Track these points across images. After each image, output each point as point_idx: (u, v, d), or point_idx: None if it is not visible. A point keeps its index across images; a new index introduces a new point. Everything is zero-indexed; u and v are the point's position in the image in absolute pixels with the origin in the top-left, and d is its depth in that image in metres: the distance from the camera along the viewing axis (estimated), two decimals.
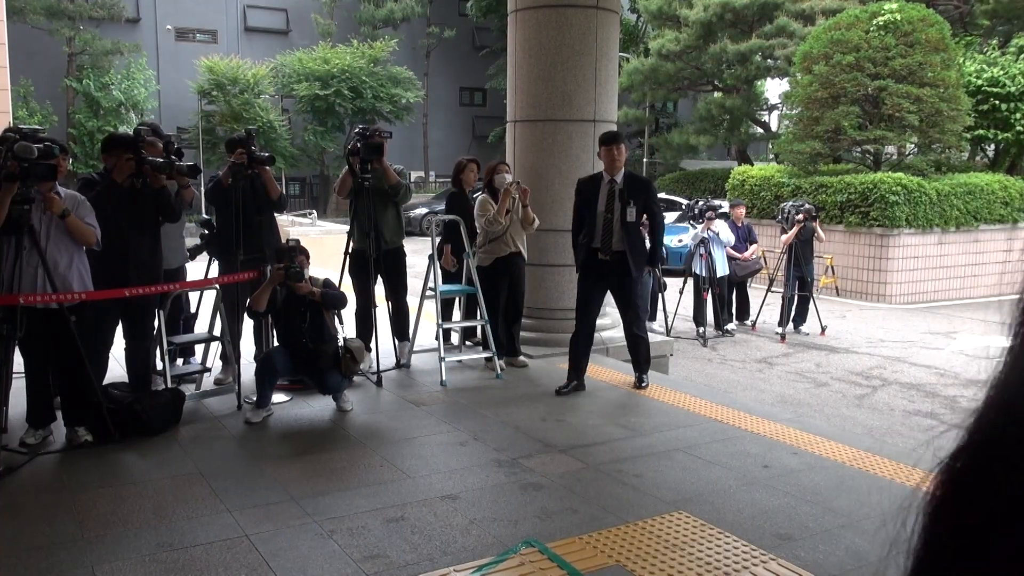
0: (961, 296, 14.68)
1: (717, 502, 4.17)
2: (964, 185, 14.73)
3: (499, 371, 6.58)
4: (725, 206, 16.27)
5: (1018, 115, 15.45)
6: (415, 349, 6.92)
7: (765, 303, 11.37)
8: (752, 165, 21.45)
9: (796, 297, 10.88)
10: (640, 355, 6.25)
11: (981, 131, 15.78)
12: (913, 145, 15.65)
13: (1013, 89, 15.45)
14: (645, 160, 26.40)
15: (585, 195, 6.04)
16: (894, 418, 7.29)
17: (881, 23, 14.66)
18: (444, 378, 6.32)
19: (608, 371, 6.82)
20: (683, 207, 18.59)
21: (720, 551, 3.61)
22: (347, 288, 6.28)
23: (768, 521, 3.94)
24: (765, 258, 12.32)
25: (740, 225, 11.25)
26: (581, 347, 6.14)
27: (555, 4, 7.26)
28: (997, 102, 15.54)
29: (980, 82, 15.67)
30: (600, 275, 6.01)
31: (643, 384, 6.25)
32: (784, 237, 10.72)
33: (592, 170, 7.34)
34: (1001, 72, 15.68)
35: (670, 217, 16.78)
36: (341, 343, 5.56)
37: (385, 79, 29.56)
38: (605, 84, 7.47)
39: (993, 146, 16.83)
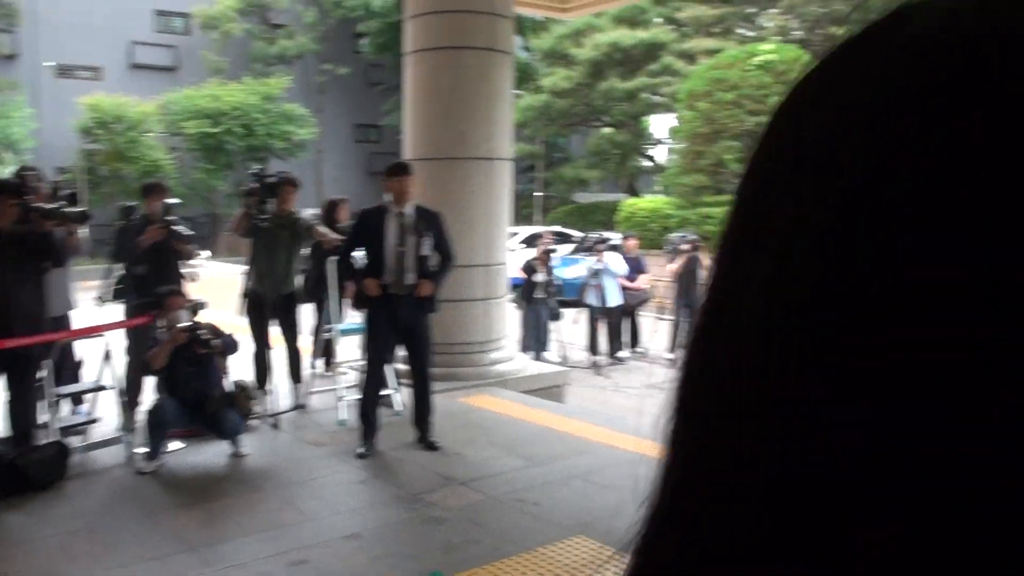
0: None
1: (614, 524, 4.32)
2: None
3: (398, 408, 6.62)
4: (616, 238, 16.80)
5: None
6: (316, 389, 6.89)
7: (654, 331, 11.76)
8: (641, 198, 22.22)
9: (685, 324, 11.31)
10: (425, 411, 5.71)
11: None
12: None
13: None
14: (538, 194, 26.94)
15: (370, 227, 5.53)
16: None
17: (758, 63, 15.54)
18: (342, 416, 6.31)
19: (504, 402, 6.95)
20: (576, 239, 19.04)
21: (618, 572, 3.75)
22: (239, 326, 6.22)
23: None
24: (655, 287, 12.76)
25: (631, 256, 11.65)
26: (374, 398, 5.64)
27: (450, 46, 7.44)
28: None
29: None
30: (392, 314, 5.47)
31: (435, 446, 5.64)
32: (671, 267, 11.16)
33: (488, 205, 7.54)
34: None
35: (564, 249, 17.17)
36: (231, 386, 5.51)
37: (278, 116, 29.27)
38: (499, 122, 7.68)
39: None
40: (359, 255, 5.62)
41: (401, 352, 5.87)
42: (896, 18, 0.30)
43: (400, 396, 6.70)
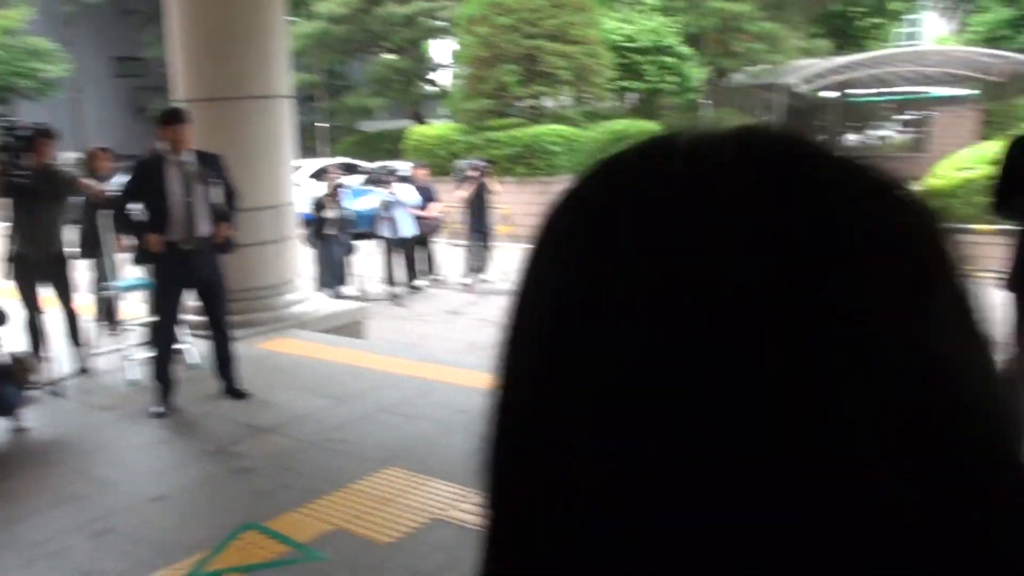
0: None
1: (423, 453, 4.53)
2: (613, 132, 16.45)
3: (194, 361, 6.42)
4: (405, 167, 16.77)
5: (650, 67, 17.49)
6: (100, 351, 6.52)
7: (449, 256, 12.02)
8: (427, 124, 22.18)
9: (477, 249, 11.63)
10: (228, 360, 5.58)
11: (623, 82, 17.65)
12: (568, 98, 17.14)
13: (644, 44, 17.43)
14: (322, 124, 26.18)
15: (148, 178, 5.20)
16: None
17: None
18: (132, 376, 6.05)
19: (305, 344, 6.94)
20: (365, 170, 18.83)
21: (429, 497, 3.97)
22: (6, 292, 5.77)
23: (468, 461, 4.37)
24: (447, 213, 12.96)
25: (422, 185, 11.73)
26: (168, 354, 5.44)
27: None
28: (633, 56, 17.45)
29: (618, 38, 17.47)
30: (183, 267, 5.24)
31: (244, 393, 5.56)
32: (461, 194, 11.39)
33: (270, 144, 7.31)
34: (635, 29, 17.61)
35: (354, 180, 16.95)
36: (4, 358, 5.14)
37: (21, 52, 26.26)
38: (275, 58, 7.39)
39: (634, 94, 18.91)
40: (136, 208, 5.33)
41: (192, 303, 5.69)
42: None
43: (196, 349, 6.51)
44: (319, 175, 16.03)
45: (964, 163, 11.20)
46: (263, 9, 7.22)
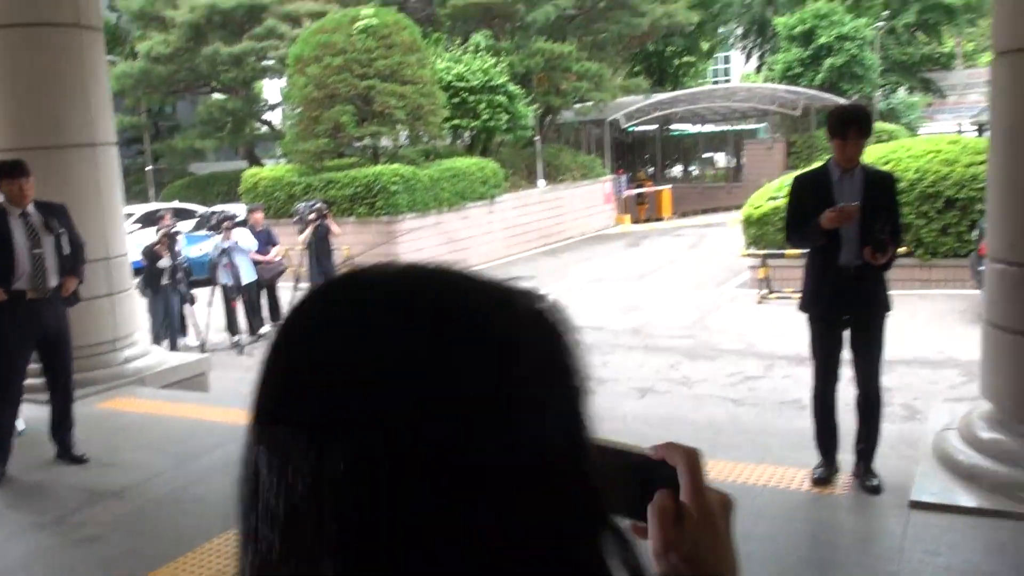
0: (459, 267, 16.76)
1: None
2: (450, 170, 16.81)
3: (20, 427, 6.09)
4: (241, 211, 16.41)
5: (482, 105, 17.99)
6: None
7: (293, 301, 11.86)
8: (262, 166, 21.78)
9: None
10: (69, 422, 5.37)
11: (456, 121, 18.06)
12: (404, 137, 17.36)
13: (476, 83, 17.93)
14: (149, 168, 25.15)
15: None
16: None
17: (361, 27, 15.93)
18: None
19: (146, 401, 6.73)
20: (199, 215, 18.27)
21: None
22: None
23: None
24: (289, 257, 12.83)
25: (260, 229, 11.56)
26: (12, 418, 5.24)
27: (29, 23, 6.75)
28: (465, 95, 17.90)
29: (450, 78, 17.88)
30: (31, 321, 5.11)
31: (83, 458, 5.30)
32: (301, 237, 11.33)
33: (99, 194, 7.05)
34: (465, 69, 18.08)
35: (186, 226, 16.42)
36: None
37: None
38: (98, 104, 7.16)
39: (468, 133, 19.37)
40: None
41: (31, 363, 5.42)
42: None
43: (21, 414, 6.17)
44: (149, 220, 15.44)
45: (773, 192, 12.24)
46: (82, 54, 7.01)
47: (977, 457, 3.97)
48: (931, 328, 9.09)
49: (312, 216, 11.25)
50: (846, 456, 4.43)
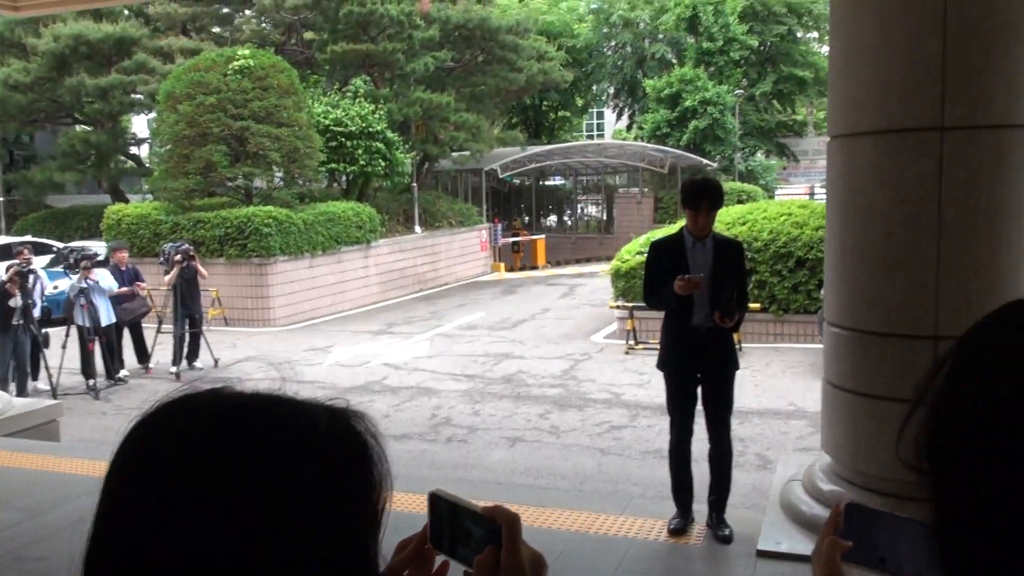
0: (332, 312, 16.61)
1: None
2: (325, 213, 16.67)
3: None
4: (102, 248, 15.72)
5: (360, 151, 18.00)
6: None
7: (157, 343, 11.44)
8: (127, 201, 20.95)
9: (187, 334, 11.21)
10: None
11: (333, 165, 17.98)
12: (279, 179, 17.12)
13: (354, 128, 17.94)
14: (0, 199, 23.69)
15: None
16: None
17: (237, 67, 15.71)
18: None
19: None
20: (55, 250, 17.34)
21: None
22: None
23: None
24: (152, 297, 12.36)
25: (125, 268, 11.12)
26: None
27: None
28: (343, 139, 17.87)
29: (327, 122, 17.82)
30: None
31: None
32: (167, 278, 10.97)
33: None
34: (343, 114, 18.08)
35: (42, 261, 15.54)
36: None
37: None
38: None
39: (344, 177, 19.30)
40: None
41: None
42: None
43: None
44: (1, 255, 14.55)
45: (641, 247, 12.76)
46: None
47: (818, 508, 4.27)
48: (783, 380, 9.65)
49: (178, 257, 10.92)
50: (701, 506, 4.67)
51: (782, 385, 9.41)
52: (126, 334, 11.12)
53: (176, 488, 0.62)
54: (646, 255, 4.90)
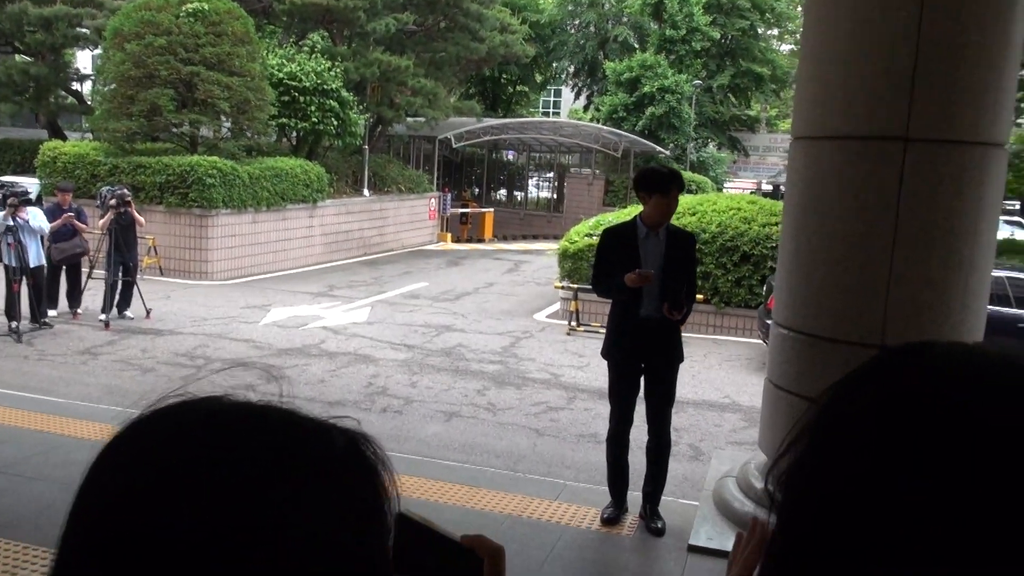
0: (273, 270, 16.27)
1: (42, 520, 4.17)
2: (272, 168, 16.26)
3: None
4: (35, 185, 15.12)
5: (313, 107, 17.57)
6: None
7: (87, 289, 11.05)
8: (64, 138, 20.15)
9: (120, 282, 10.84)
10: None
11: (284, 120, 17.52)
12: (226, 129, 16.63)
13: (308, 84, 17.49)
14: None
15: None
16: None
17: (190, 10, 15.14)
18: None
19: None
20: None
21: (43, 573, 3.68)
22: None
23: None
24: (83, 239, 11.91)
25: (67, 208, 10.64)
26: None
27: None
28: (296, 95, 17.41)
29: (281, 75, 17.34)
30: None
31: None
32: (101, 222, 10.57)
33: None
34: (298, 68, 17.60)
35: None
36: None
37: None
38: None
39: (295, 133, 18.85)
40: None
41: None
42: None
43: None
44: None
45: (589, 230, 12.75)
46: None
47: (751, 505, 4.30)
48: (720, 373, 9.76)
49: (113, 202, 10.51)
50: (635, 494, 4.66)
51: (719, 377, 9.51)
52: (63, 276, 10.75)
53: (179, 516, 0.53)
54: (598, 241, 4.84)
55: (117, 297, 10.86)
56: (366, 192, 20.16)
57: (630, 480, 4.68)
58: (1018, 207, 28.67)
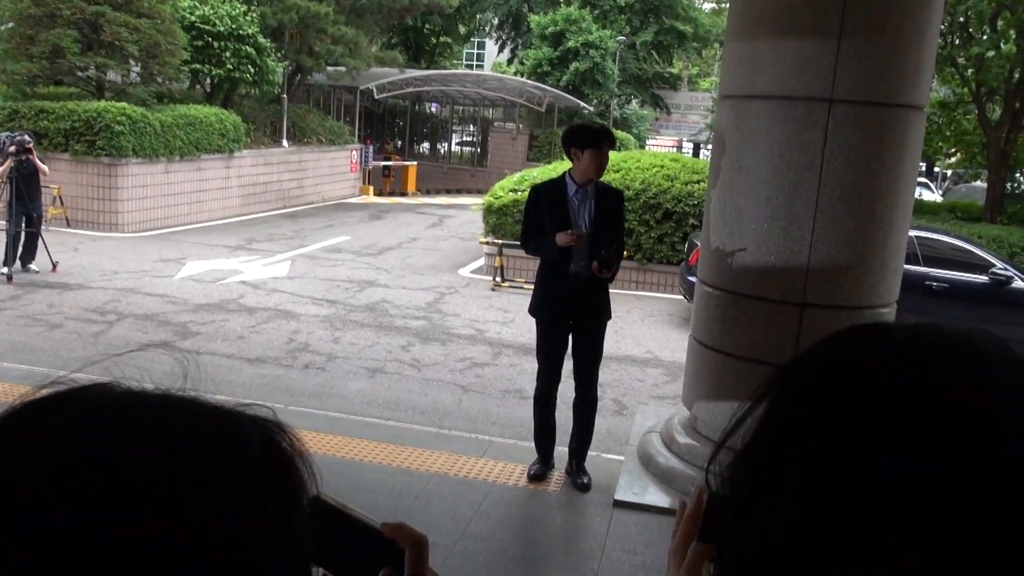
0: (188, 222, 15.73)
1: None
2: (186, 116, 15.63)
3: None
4: None
5: (228, 53, 16.90)
6: None
7: None
8: None
9: (23, 234, 10.31)
10: None
11: (197, 66, 16.82)
12: (135, 74, 15.88)
13: (222, 29, 16.79)
14: None
15: None
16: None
17: None
18: None
19: None
20: None
21: None
22: None
23: None
24: None
25: None
26: None
27: None
28: (210, 39, 16.70)
29: (193, 19, 16.59)
30: None
31: None
32: (0, 169, 10.01)
33: None
34: (211, 11, 16.86)
35: None
36: None
37: None
38: None
39: (209, 80, 18.13)
40: None
41: None
42: None
43: None
44: None
45: (514, 185, 12.68)
46: None
47: (674, 460, 4.38)
48: (643, 328, 9.90)
49: (12, 149, 9.95)
50: (561, 450, 4.70)
51: (641, 333, 9.65)
52: None
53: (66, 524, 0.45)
54: (525, 199, 4.78)
55: (20, 249, 10.33)
56: (285, 143, 19.61)
57: (557, 436, 4.72)
58: (923, 168, 29.77)
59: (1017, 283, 8.97)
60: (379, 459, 4.82)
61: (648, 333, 9.69)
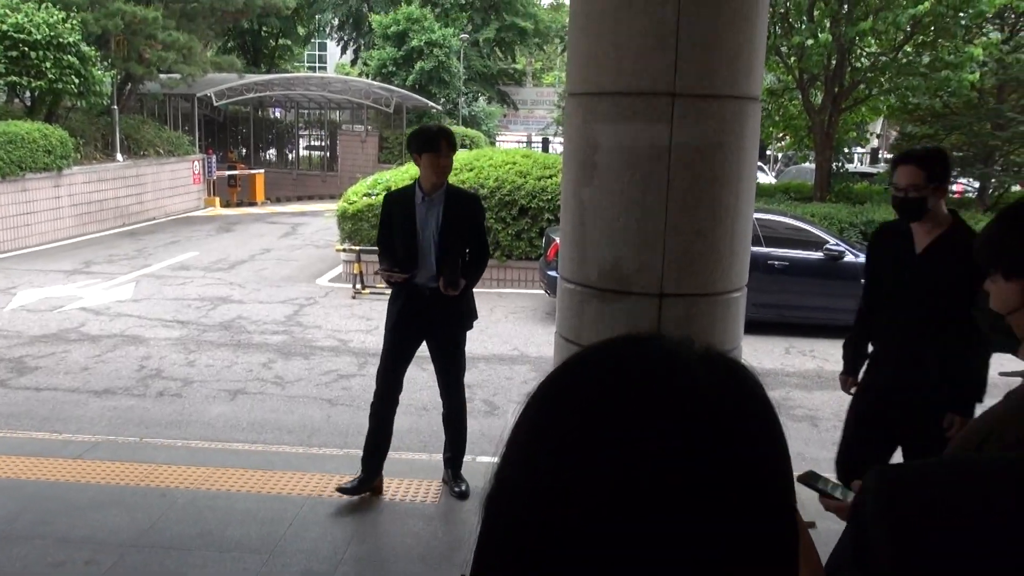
0: (15, 248, 14.61)
1: None
2: (5, 134, 14.49)
3: None
4: None
5: (48, 64, 15.77)
6: None
7: None
8: None
9: None
10: None
11: (14, 78, 15.62)
12: None
13: (40, 37, 15.64)
14: None
15: None
16: None
17: None
18: None
19: None
20: None
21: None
22: None
23: None
24: None
25: None
26: None
27: None
28: (27, 49, 15.53)
29: (6, 27, 15.38)
30: None
31: None
32: None
33: None
34: (26, 19, 15.68)
35: None
36: None
37: None
38: None
39: (29, 93, 16.86)
40: None
41: None
42: None
43: None
44: None
45: (367, 189, 12.47)
46: None
47: None
48: (507, 325, 9.96)
49: None
50: (436, 458, 4.64)
51: (506, 330, 9.71)
52: None
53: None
54: (381, 208, 4.67)
55: None
56: (119, 156, 18.53)
57: (431, 443, 4.64)
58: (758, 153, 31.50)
59: (848, 257, 9.60)
60: (248, 487, 4.61)
61: (513, 330, 9.76)
